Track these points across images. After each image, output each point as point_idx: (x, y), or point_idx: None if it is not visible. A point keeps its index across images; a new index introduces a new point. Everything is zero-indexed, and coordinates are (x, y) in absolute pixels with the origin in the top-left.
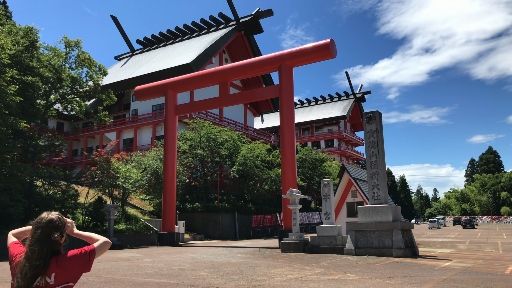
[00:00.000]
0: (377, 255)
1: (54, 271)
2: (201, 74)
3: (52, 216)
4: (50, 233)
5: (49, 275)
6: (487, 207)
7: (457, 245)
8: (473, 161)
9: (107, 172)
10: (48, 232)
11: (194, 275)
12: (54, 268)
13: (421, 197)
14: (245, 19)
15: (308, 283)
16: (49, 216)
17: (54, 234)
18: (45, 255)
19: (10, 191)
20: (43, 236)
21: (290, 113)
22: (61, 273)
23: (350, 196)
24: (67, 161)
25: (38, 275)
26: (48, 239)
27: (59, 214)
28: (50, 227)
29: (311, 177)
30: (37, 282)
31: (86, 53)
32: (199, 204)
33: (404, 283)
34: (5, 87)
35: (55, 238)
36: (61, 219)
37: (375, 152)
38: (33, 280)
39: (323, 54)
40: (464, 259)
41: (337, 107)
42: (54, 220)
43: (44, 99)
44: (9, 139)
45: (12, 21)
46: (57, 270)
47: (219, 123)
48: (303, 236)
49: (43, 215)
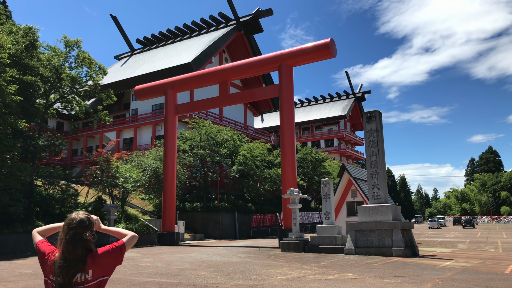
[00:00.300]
0: (377, 255)
1: (91, 267)
2: (201, 74)
3: (81, 216)
4: (82, 232)
5: (87, 271)
6: (487, 206)
7: (457, 244)
8: (473, 160)
9: (107, 171)
10: (80, 232)
11: (194, 275)
12: (91, 265)
13: (421, 197)
14: (245, 19)
15: (308, 283)
16: (79, 217)
17: (86, 233)
18: (81, 254)
19: (10, 191)
20: (76, 236)
21: (290, 112)
22: (97, 269)
23: (350, 196)
24: (67, 161)
25: (77, 272)
26: (81, 238)
27: (87, 214)
28: (81, 227)
29: (311, 176)
30: (76, 278)
31: (86, 53)
32: (199, 204)
33: (404, 282)
34: (5, 86)
35: (87, 237)
36: (90, 219)
37: (375, 151)
38: (72, 277)
39: (323, 54)
40: (464, 259)
41: (337, 106)
42: (84, 220)
43: (44, 98)
44: (9, 139)
45: (12, 20)
46: (94, 267)
47: (219, 122)
48: (303, 236)
49: (73, 216)
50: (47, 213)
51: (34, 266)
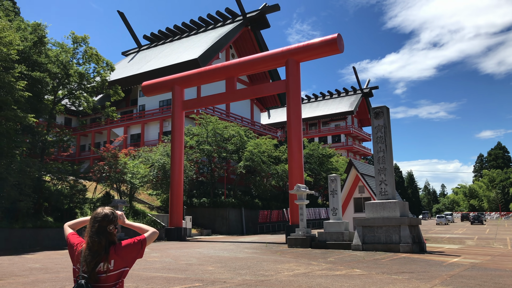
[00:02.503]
0: (384, 251)
1: (113, 258)
2: (208, 70)
3: (106, 211)
4: (106, 226)
5: (110, 261)
6: (495, 203)
7: (465, 241)
8: (482, 156)
9: (115, 167)
10: (104, 225)
11: (201, 270)
12: (113, 255)
13: (429, 193)
14: (251, 14)
15: (315, 278)
16: (104, 211)
17: (109, 227)
18: (104, 245)
19: (19, 186)
20: (100, 229)
21: (297, 108)
22: (119, 260)
23: (357, 192)
24: (75, 157)
25: (100, 261)
26: (105, 231)
27: (111, 209)
28: (105, 220)
29: (318, 172)
30: (99, 267)
31: (93, 49)
32: (206, 199)
33: (411, 278)
34: (14, 82)
35: (110, 230)
36: (114, 213)
37: (383, 147)
38: (96, 266)
39: (331, 49)
40: (472, 255)
41: (344, 102)
42: (108, 214)
43: (52, 94)
44: (18, 134)
45: (20, 17)
46: (116, 257)
47: (226, 118)
48: (310, 232)
49: (99, 211)
50: (56, 208)
51: (43, 260)
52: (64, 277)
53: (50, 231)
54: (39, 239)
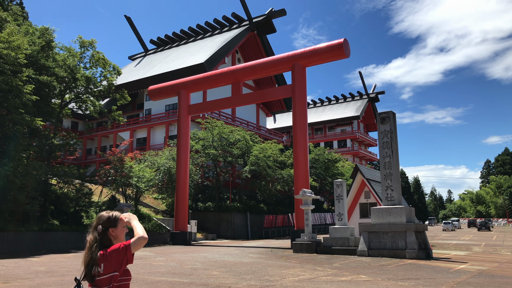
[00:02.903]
0: (390, 257)
1: (102, 262)
2: (214, 74)
3: (103, 214)
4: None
5: (100, 265)
6: (503, 209)
7: (472, 247)
8: (489, 162)
9: (121, 171)
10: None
11: (206, 275)
12: (102, 259)
13: (435, 199)
14: (258, 19)
15: (321, 284)
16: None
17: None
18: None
19: (26, 189)
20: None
21: (303, 113)
22: (107, 264)
23: (363, 197)
24: (81, 160)
25: (93, 264)
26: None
27: (109, 212)
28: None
29: (324, 177)
30: (94, 270)
31: (100, 53)
32: (211, 204)
33: (417, 285)
34: (22, 86)
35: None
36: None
37: (389, 153)
38: (90, 270)
39: (337, 54)
40: (479, 262)
41: (350, 107)
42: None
43: (59, 98)
44: (25, 138)
45: (28, 21)
46: (104, 262)
47: (232, 123)
48: (315, 237)
49: (99, 214)
50: (62, 212)
51: (49, 263)
52: (70, 280)
53: (56, 234)
54: (45, 242)
